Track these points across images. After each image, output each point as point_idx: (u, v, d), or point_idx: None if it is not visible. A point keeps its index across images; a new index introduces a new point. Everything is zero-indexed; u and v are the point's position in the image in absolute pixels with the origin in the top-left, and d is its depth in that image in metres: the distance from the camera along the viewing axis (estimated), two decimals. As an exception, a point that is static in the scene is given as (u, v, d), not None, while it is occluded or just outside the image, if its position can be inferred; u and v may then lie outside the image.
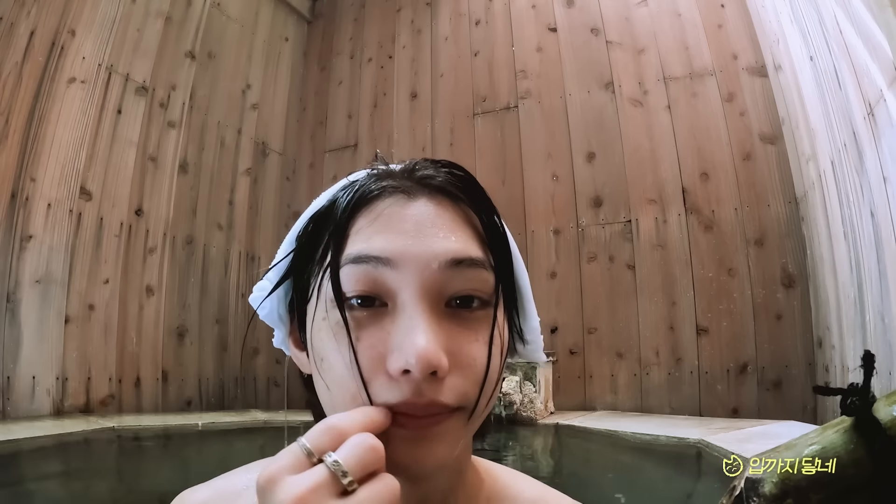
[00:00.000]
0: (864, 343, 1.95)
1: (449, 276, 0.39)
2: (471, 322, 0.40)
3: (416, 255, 0.39)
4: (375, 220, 0.41)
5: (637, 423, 2.39)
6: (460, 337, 0.39)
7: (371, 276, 0.39)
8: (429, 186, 0.43)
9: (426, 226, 0.41)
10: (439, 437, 0.38)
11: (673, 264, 2.99)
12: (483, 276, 0.41)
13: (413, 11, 4.11)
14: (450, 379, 0.38)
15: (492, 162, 3.54)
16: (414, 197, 0.42)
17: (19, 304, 2.44)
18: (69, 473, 2.00)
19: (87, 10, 2.83)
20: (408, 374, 0.36)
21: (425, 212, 0.42)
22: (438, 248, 0.40)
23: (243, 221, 3.71)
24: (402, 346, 0.37)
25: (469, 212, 0.44)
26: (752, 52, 3.07)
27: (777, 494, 0.38)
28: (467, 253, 0.40)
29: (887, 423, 0.36)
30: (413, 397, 0.37)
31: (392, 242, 0.40)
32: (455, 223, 0.42)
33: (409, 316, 0.38)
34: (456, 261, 0.40)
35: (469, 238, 0.42)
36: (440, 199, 0.43)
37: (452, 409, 0.38)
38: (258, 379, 3.65)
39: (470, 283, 0.40)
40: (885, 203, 1.69)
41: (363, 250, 0.40)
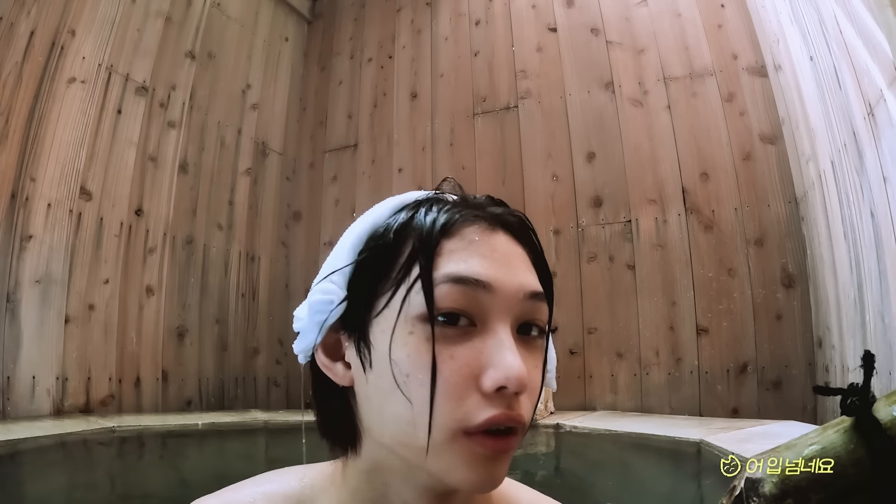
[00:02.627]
0: (864, 343, 1.95)
1: (527, 307, 0.44)
2: (532, 348, 0.44)
3: (509, 283, 0.43)
4: (469, 244, 0.44)
5: (637, 423, 2.39)
6: (528, 361, 0.43)
7: (468, 296, 0.41)
8: (503, 223, 0.47)
9: (511, 258, 0.45)
10: (507, 457, 0.42)
11: (673, 264, 2.99)
12: (544, 308, 0.45)
13: (413, 11, 4.11)
14: (522, 399, 0.41)
15: (492, 162, 3.54)
16: (495, 229, 0.46)
17: (19, 304, 2.44)
18: (69, 473, 2.00)
19: (87, 10, 2.83)
20: (501, 392, 0.39)
21: (507, 245, 0.45)
22: (524, 280, 0.44)
23: (243, 221, 3.71)
24: (499, 364, 0.39)
25: (526, 250, 0.48)
26: (752, 52, 3.07)
27: (777, 494, 0.38)
28: (538, 287, 0.45)
29: (887, 423, 0.36)
30: (506, 411, 0.39)
31: (488, 269, 0.42)
32: (524, 259, 0.46)
33: (500, 338, 0.41)
34: (533, 293, 0.44)
35: (534, 274, 0.46)
36: (511, 236, 0.47)
37: (521, 428, 0.41)
38: (258, 379, 3.65)
39: (537, 314, 0.44)
40: (885, 203, 1.69)
41: (463, 271, 0.42)
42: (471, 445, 0.40)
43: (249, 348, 3.63)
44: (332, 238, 3.91)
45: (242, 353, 3.57)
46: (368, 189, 3.89)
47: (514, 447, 0.41)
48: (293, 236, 4.04)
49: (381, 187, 3.84)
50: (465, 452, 0.40)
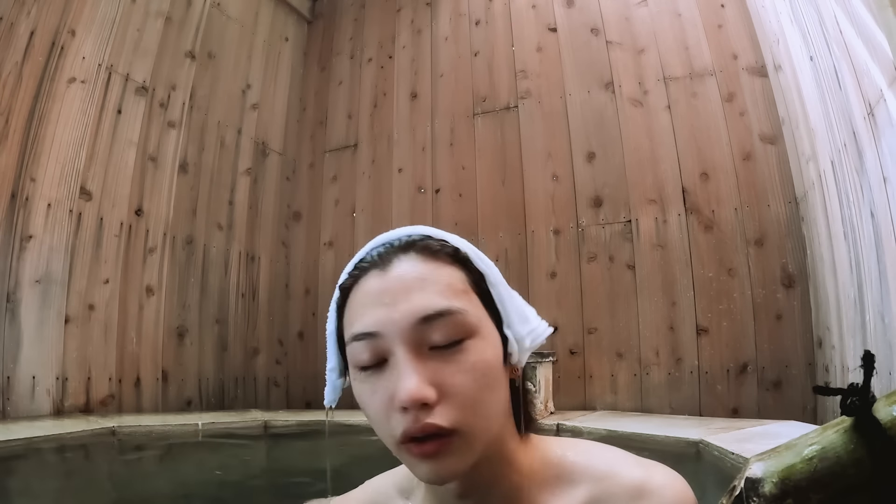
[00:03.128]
0: (864, 343, 1.95)
1: (424, 329, 0.50)
2: (452, 356, 0.51)
3: (394, 321, 0.51)
4: (365, 297, 0.54)
5: (637, 423, 2.40)
6: (445, 370, 0.50)
7: (369, 345, 0.52)
8: (402, 252, 0.55)
9: (397, 291, 0.52)
10: (447, 455, 0.49)
11: (673, 264, 2.99)
12: (452, 319, 0.51)
13: (413, 11, 4.11)
14: (441, 407, 0.49)
15: (492, 162, 3.54)
16: (386, 267, 0.54)
17: (19, 304, 2.44)
18: (69, 473, 2.00)
19: (87, 10, 2.83)
20: (407, 409, 0.49)
21: (396, 278, 0.53)
22: (409, 311, 0.51)
23: (243, 221, 3.71)
24: (398, 389, 0.49)
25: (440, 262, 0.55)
26: (752, 52, 3.07)
27: (777, 494, 0.38)
28: (434, 307, 0.51)
29: (887, 423, 0.36)
30: (412, 424, 0.48)
31: (377, 316, 0.52)
32: (421, 280, 0.53)
33: (400, 366, 0.50)
34: (425, 317, 0.51)
35: (437, 290, 0.52)
36: (408, 262, 0.54)
37: (450, 431, 0.49)
38: (258, 379, 3.65)
39: (443, 328, 0.51)
40: (885, 203, 1.69)
41: (358, 329, 0.53)
42: (407, 450, 0.50)
43: (249, 348, 3.63)
44: (332, 238, 3.93)
45: (242, 353, 3.57)
46: (368, 189, 3.89)
47: (446, 449, 0.49)
48: (293, 236, 4.04)
49: (381, 187, 3.84)
50: (407, 456, 0.51)
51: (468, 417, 0.49)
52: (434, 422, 0.48)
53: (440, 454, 0.49)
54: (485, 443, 0.52)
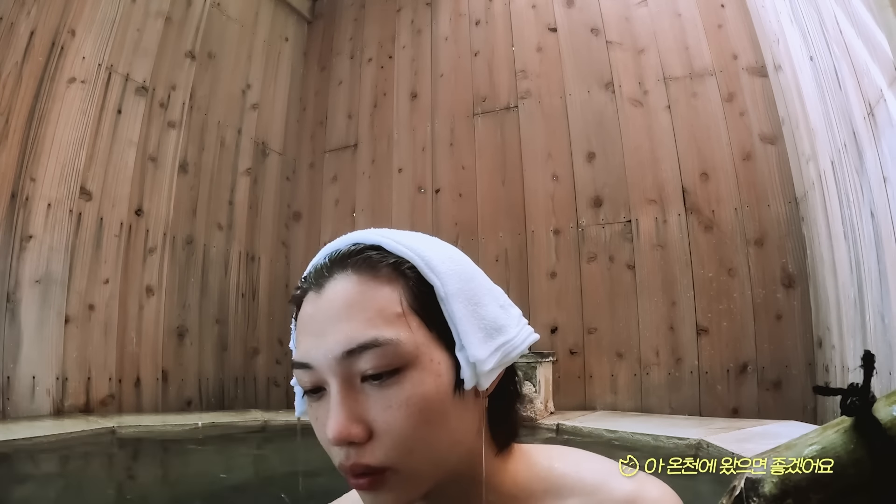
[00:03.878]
0: (864, 343, 1.95)
1: (350, 362, 0.47)
2: (382, 390, 0.47)
3: (322, 354, 0.47)
4: (301, 323, 0.51)
5: (637, 423, 2.39)
6: (375, 407, 0.46)
7: (307, 375, 0.49)
8: (332, 268, 0.50)
9: (324, 320, 0.48)
10: (384, 492, 0.47)
11: (673, 264, 2.99)
12: (380, 351, 0.46)
13: (413, 11, 4.11)
14: (373, 444, 0.46)
15: (492, 162, 3.54)
16: (319, 290, 0.50)
17: (19, 304, 2.44)
18: (69, 473, 2.00)
19: (87, 10, 2.83)
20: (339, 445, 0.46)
21: (326, 306, 0.49)
22: (334, 343, 0.47)
23: (243, 221, 3.71)
24: (328, 425, 0.46)
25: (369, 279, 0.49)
26: (752, 52, 3.07)
27: (777, 494, 0.38)
28: (356, 341, 0.46)
29: (887, 423, 0.36)
30: (343, 461, 0.47)
31: (304, 347, 0.49)
32: (349, 306, 0.48)
33: (331, 401, 0.47)
34: (348, 351, 0.46)
35: (365, 318, 0.47)
36: (341, 282, 0.49)
37: (381, 469, 0.46)
38: (258, 379, 3.65)
39: (371, 362, 0.46)
40: (885, 203, 1.69)
41: (294, 358, 0.50)
42: (347, 480, 0.48)
43: (249, 348, 3.63)
44: (332, 238, 3.91)
45: (242, 353, 3.57)
46: (368, 189, 3.89)
47: (381, 485, 0.47)
48: (293, 236, 4.04)
49: (381, 187, 3.84)
50: (350, 483, 0.48)
51: (401, 455, 0.46)
52: (362, 461, 0.46)
53: (375, 489, 0.47)
54: (433, 476, 0.49)
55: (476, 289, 0.53)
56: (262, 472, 2.28)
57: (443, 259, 0.52)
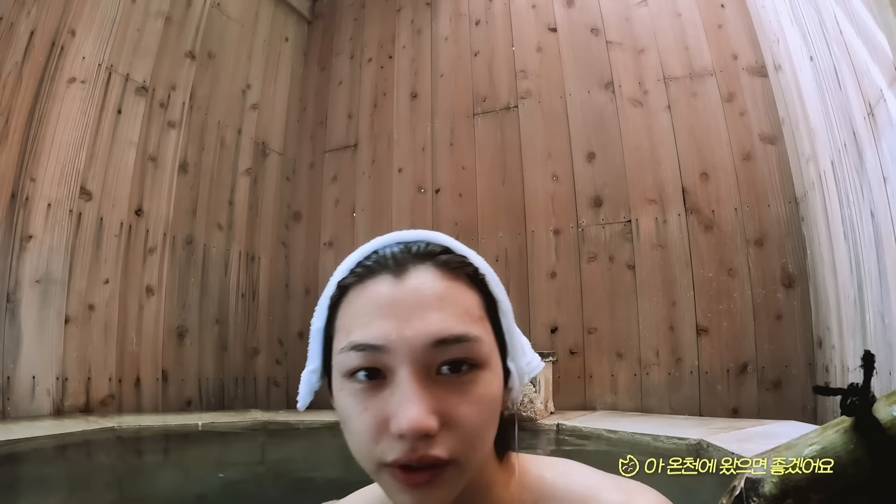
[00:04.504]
0: (864, 343, 1.95)
1: (436, 352, 0.46)
2: (459, 385, 0.47)
3: (406, 340, 0.46)
4: (374, 305, 0.49)
5: (637, 423, 2.39)
6: (451, 400, 0.46)
7: (369, 358, 0.47)
8: (413, 258, 0.50)
9: (412, 307, 0.48)
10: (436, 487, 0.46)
11: (673, 264, 2.99)
12: (467, 347, 0.47)
13: (413, 11, 4.11)
14: (441, 436, 0.45)
15: (492, 162, 3.54)
16: (401, 275, 0.49)
17: (19, 304, 2.44)
18: (69, 473, 2.00)
19: (87, 10, 2.83)
20: (403, 437, 0.44)
21: (412, 291, 0.48)
22: (423, 331, 0.46)
23: (243, 221, 3.71)
24: (398, 415, 0.45)
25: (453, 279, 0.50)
26: (752, 52, 3.07)
27: (777, 494, 0.38)
28: (450, 332, 0.47)
29: (887, 423, 0.36)
30: (409, 454, 0.45)
31: (384, 330, 0.47)
32: (440, 298, 0.49)
33: (403, 389, 0.45)
34: (440, 341, 0.46)
35: (456, 312, 0.48)
36: (426, 274, 0.50)
37: (446, 462, 0.45)
38: (258, 379, 3.65)
39: (455, 354, 0.47)
40: (885, 203, 1.69)
41: (362, 338, 0.47)
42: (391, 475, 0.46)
43: (249, 348, 3.63)
44: (332, 238, 3.93)
45: (242, 353, 3.57)
46: (368, 189, 3.89)
47: (437, 479, 0.46)
48: (293, 236, 4.04)
49: (381, 187, 3.84)
50: (390, 481, 0.47)
51: (466, 449, 0.47)
52: (434, 453, 0.45)
53: (430, 484, 0.46)
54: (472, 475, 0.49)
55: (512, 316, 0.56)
56: (261, 472, 2.28)
57: (497, 278, 0.55)
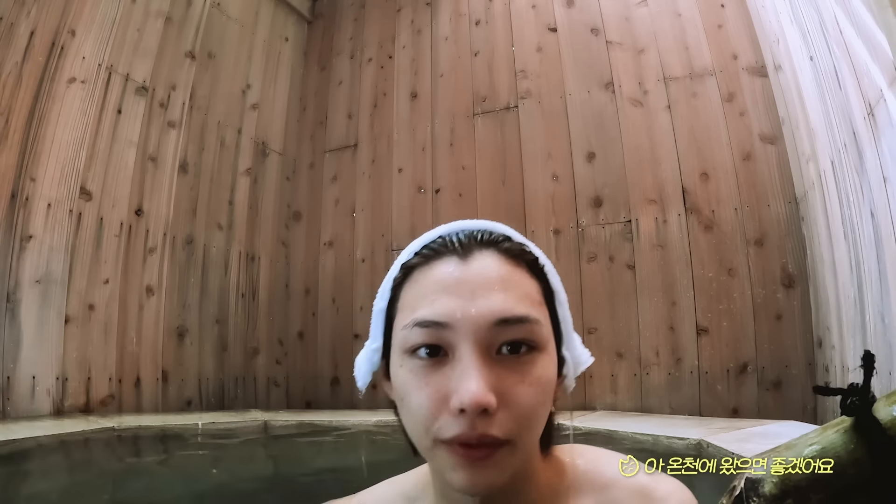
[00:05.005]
0: (864, 343, 1.95)
1: (498, 332, 0.48)
2: (518, 366, 0.48)
3: (470, 317, 0.48)
4: (438, 285, 0.50)
5: (637, 423, 2.39)
6: (509, 380, 0.48)
7: (433, 335, 0.49)
8: (483, 248, 0.53)
9: (477, 286, 0.49)
10: (491, 466, 0.47)
11: (673, 264, 2.99)
12: (528, 328, 0.49)
13: (413, 11, 4.11)
14: (499, 415, 0.46)
15: (492, 162, 3.54)
16: (466, 258, 0.52)
17: (19, 304, 2.44)
18: (69, 473, 2.00)
19: (87, 10, 2.83)
20: (464, 412, 0.45)
21: (477, 274, 0.50)
22: (487, 310, 0.48)
23: (243, 221, 3.71)
24: (459, 390, 0.46)
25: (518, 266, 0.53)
26: (752, 52, 3.07)
27: (777, 494, 0.38)
28: (513, 312, 0.49)
29: (887, 423, 0.36)
30: (468, 430, 0.46)
31: (451, 307, 0.49)
32: (503, 280, 0.50)
33: (464, 365, 0.47)
34: (503, 320, 0.48)
35: (518, 295, 0.50)
36: (490, 258, 0.52)
37: (502, 441, 0.46)
38: (258, 379, 3.65)
39: (516, 335, 0.49)
40: (885, 203, 1.69)
41: (427, 315, 0.49)
42: (449, 452, 0.47)
43: (249, 348, 3.63)
44: (332, 238, 3.93)
45: (242, 353, 3.57)
46: (368, 189, 3.89)
47: (492, 458, 0.47)
48: (293, 236, 4.04)
49: (381, 187, 3.84)
50: (447, 458, 0.48)
51: (522, 430, 0.48)
52: (491, 431, 0.46)
53: (485, 462, 0.47)
54: (525, 458, 0.51)
55: (567, 308, 0.59)
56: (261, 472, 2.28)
57: (556, 273, 0.58)
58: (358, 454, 2.47)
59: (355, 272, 3.75)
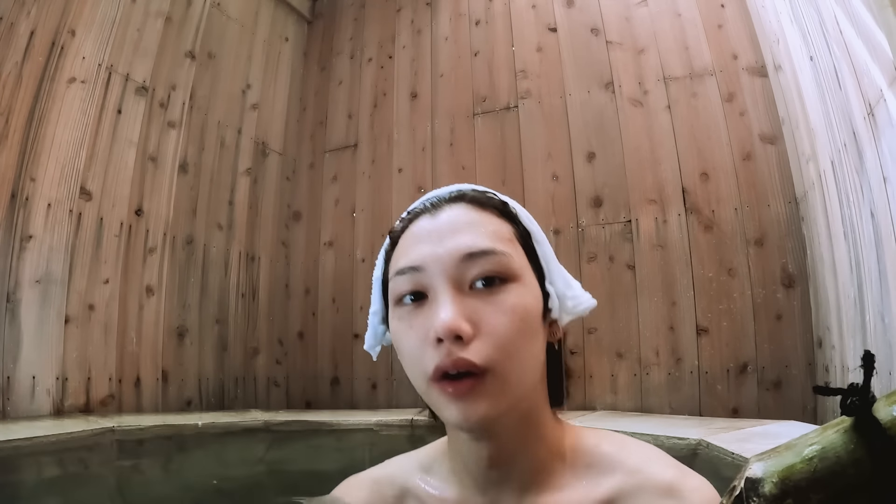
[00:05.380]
0: (864, 343, 1.95)
1: (467, 266, 0.52)
2: (492, 296, 0.52)
3: (439, 256, 0.53)
4: (412, 238, 0.56)
5: (637, 423, 2.39)
6: (483, 310, 0.51)
7: (410, 280, 0.53)
8: (451, 201, 0.58)
9: (445, 232, 0.54)
10: (478, 397, 0.49)
11: (673, 264, 2.99)
12: (495, 259, 0.52)
13: (413, 11, 4.11)
14: (475, 343, 0.49)
15: (492, 162, 3.54)
16: (436, 213, 0.57)
17: (19, 304, 2.44)
18: (69, 473, 2.00)
19: (87, 10, 2.83)
20: (442, 342, 0.49)
21: (445, 221, 0.56)
22: (454, 247, 0.52)
23: (243, 221, 3.71)
24: (434, 322, 0.50)
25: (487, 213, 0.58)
26: (752, 52, 3.07)
27: (777, 494, 0.38)
28: (478, 246, 0.52)
29: (887, 423, 0.36)
30: (445, 358, 0.49)
31: (421, 252, 0.54)
32: (470, 223, 0.55)
33: (439, 300, 0.51)
34: (469, 254, 0.52)
35: (484, 233, 0.54)
36: (458, 209, 0.57)
37: (482, 370, 0.49)
38: (258, 379, 3.65)
39: (485, 267, 0.52)
40: (885, 203, 1.69)
41: (402, 264, 0.55)
42: (440, 390, 0.50)
43: (249, 348, 3.63)
44: (332, 238, 3.93)
45: (242, 353, 3.57)
46: (368, 189, 3.89)
47: (477, 389, 0.49)
48: (293, 236, 4.04)
49: (381, 187, 3.84)
50: (437, 395, 0.51)
51: (502, 358, 0.49)
52: (467, 357, 0.48)
53: (472, 394, 0.49)
54: (517, 393, 0.52)
55: (549, 248, 0.61)
56: (261, 472, 2.29)
57: (531, 216, 0.62)
58: (358, 454, 2.47)
59: (355, 272, 3.75)
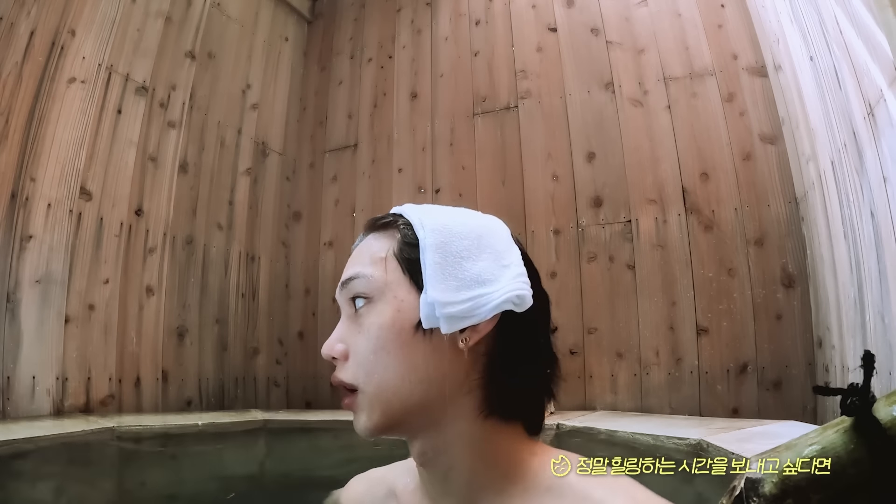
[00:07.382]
0: (864, 343, 1.95)
1: (344, 291, 0.60)
2: (358, 318, 0.57)
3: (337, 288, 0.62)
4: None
5: (637, 423, 2.39)
6: (352, 331, 0.57)
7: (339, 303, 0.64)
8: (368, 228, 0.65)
9: (353, 258, 0.62)
10: (357, 411, 0.56)
11: (673, 264, 2.99)
12: (355, 283, 0.58)
13: (413, 11, 4.11)
14: (349, 364, 0.56)
15: (492, 162, 3.54)
16: (362, 238, 0.65)
17: (19, 304, 2.44)
18: (69, 474, 2.00)
19: (87, 10, 2.83)
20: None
21: (361, 246, 0.63)
22: (345, 272, 0.61)
23: (243, 221, 3.71)
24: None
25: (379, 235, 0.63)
26: (752, 52, 3.07)
27: (777, 494, 0.38)
28: (348, 273, 0.60)
29: (887, 423, 0.36)
30: (332, 377, 0.58)
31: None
32: (361, 252, 0.62)
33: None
34: (342, 283, 0.60)
35: (360, 260, 0.60)
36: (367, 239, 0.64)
37: (351, 386, 0.56)
38: (258, 379, 3.65)
39: (352, 292, 0.58)
40: (885, 203, 1.69)
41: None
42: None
43: (249, 348, 3.63)
44: (332, 238, 3.93)
45: (242, 353, 3.57)
46: (368, 189, 3.89)
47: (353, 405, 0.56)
48: (293, 236, 4.04)
49: (381, 187, 3.84)
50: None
51: (364, 376, 0.55)
52: (340, 376, 0.56)
53: (353, 408, 0.56)
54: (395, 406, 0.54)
55: (470, 246, 0.57)
56: (262, 472, 2.29)
57: (442, 220, 0.59)
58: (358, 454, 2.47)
59: (355, 272, 3.75)
